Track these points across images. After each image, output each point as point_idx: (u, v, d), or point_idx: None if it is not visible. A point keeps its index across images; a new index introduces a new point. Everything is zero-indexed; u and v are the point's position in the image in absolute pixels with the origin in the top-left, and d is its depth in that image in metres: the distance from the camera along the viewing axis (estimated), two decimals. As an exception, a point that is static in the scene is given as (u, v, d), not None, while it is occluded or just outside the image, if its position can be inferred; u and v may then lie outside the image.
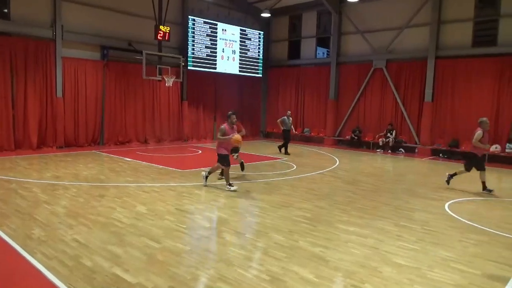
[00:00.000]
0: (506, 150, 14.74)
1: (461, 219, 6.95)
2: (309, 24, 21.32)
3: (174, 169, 11.01)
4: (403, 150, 17.30)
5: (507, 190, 10.25)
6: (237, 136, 8.48)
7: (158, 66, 15.94)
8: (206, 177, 8.84)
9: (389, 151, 17.38)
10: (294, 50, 22.15)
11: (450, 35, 16.33)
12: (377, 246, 5.40)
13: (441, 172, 12.70)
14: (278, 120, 15.79)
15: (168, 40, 16.22)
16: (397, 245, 5.46)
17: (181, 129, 18.91)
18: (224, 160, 8.50)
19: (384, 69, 18.12)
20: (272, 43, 22.86)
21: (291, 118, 15.86)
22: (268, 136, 22.86)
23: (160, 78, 15.95)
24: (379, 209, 7.47)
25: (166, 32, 15.92)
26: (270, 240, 5.50)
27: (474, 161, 9.32)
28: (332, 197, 8.31)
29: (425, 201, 8.27)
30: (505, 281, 4.43)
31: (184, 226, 6.06)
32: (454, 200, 8.34)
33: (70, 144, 15.04)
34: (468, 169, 9.46)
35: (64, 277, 4.12)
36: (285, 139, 15.44)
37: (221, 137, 8.49)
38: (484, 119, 9.35)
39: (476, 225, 6.60)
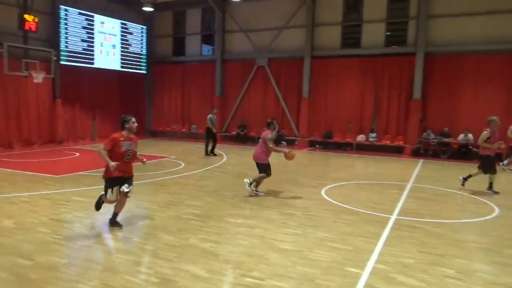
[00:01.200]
0: (370, 139, 16.89)
1: (335, 202, 7.76)
2: (193, 20, 21.22)
3: (48, 175, 9.88)
4: (285, 143, 18.44)
5: (371, 174, 11.76)
6: (292, 152, 7.99)
7: (24, 60, 14.08)
8: (251, 183, 8.06)
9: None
10: (179, 46, 21.84)
11: (323, 37, 17.97)
12: (264, 235, 5.69)
13: (318, 162, 13.99)
14: (208, 120, 14.43)
15: (36, 31, 14.45)
16: (282, 232, 5.83)
17: (54, 130, 17.06)
18: (267, 168, 8.02)
19: (266, 67, 19.08)
20: (156, 38, 22.13)
21: (215, 116, 14.95)
22: (154, 135, 22.11)
23: (26, 74, 14.12)
24: (266, 199, 7.87)
25: (32, 22, 14.14)
26: (159, 241, 5.35)
27: (488, 163, 8.82)
28: (221, 192, 8.46)
29: (305, 189, 8.99)
30: (371, 252, 5.10)
31: (61, 237, 5.50)
32: (329, 186, 9.26)
33: None
34: (485, 170, 8.92)
35: None
36: (213, 137, 14.48)
37: (276, 148, 8.01)
38: (494, 117, 8.72)
39: (347, 206, 7.43)
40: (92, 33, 18.15)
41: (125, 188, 5.74)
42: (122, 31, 19.76)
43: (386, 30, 16.92)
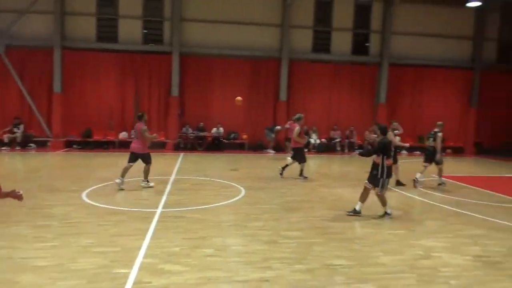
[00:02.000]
0: (132, 136, 16.72)
1: (99, 204, 7.34)
2: None
3: None
4: (34, 145, 16.09)
5: (135, 171, 11.70)
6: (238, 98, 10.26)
7: None
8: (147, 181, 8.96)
9: (18, 148, 15.65)
10: None
11: (77, 27, 16.57)
12: (11, 255, 4.80)
13: (77, 163, 12.85)
14: None
15: None
16: (35, 247, 5.07)
17: None
18: (150, 156, 8.91)
19: (4, 56, 15.98)
20: None
21: None
22: None
23: None
24: (12, 213, 6.61)
25: None
26: None
27: (299, 153, 10.49)
28: None
29: (63, 194, 8.10)
30: (139, 248, 5.11)
31: None
32: (91, 188, 8.67)
33: None
34: (299, 160, 10.50)
35: None
36: None
37: (151, 136, 8.85)
38: (302, 115, 10.68)
39: (113, 207, 7.16)
40: None
41: None
42: None
43: (143, 27, 17.12)
